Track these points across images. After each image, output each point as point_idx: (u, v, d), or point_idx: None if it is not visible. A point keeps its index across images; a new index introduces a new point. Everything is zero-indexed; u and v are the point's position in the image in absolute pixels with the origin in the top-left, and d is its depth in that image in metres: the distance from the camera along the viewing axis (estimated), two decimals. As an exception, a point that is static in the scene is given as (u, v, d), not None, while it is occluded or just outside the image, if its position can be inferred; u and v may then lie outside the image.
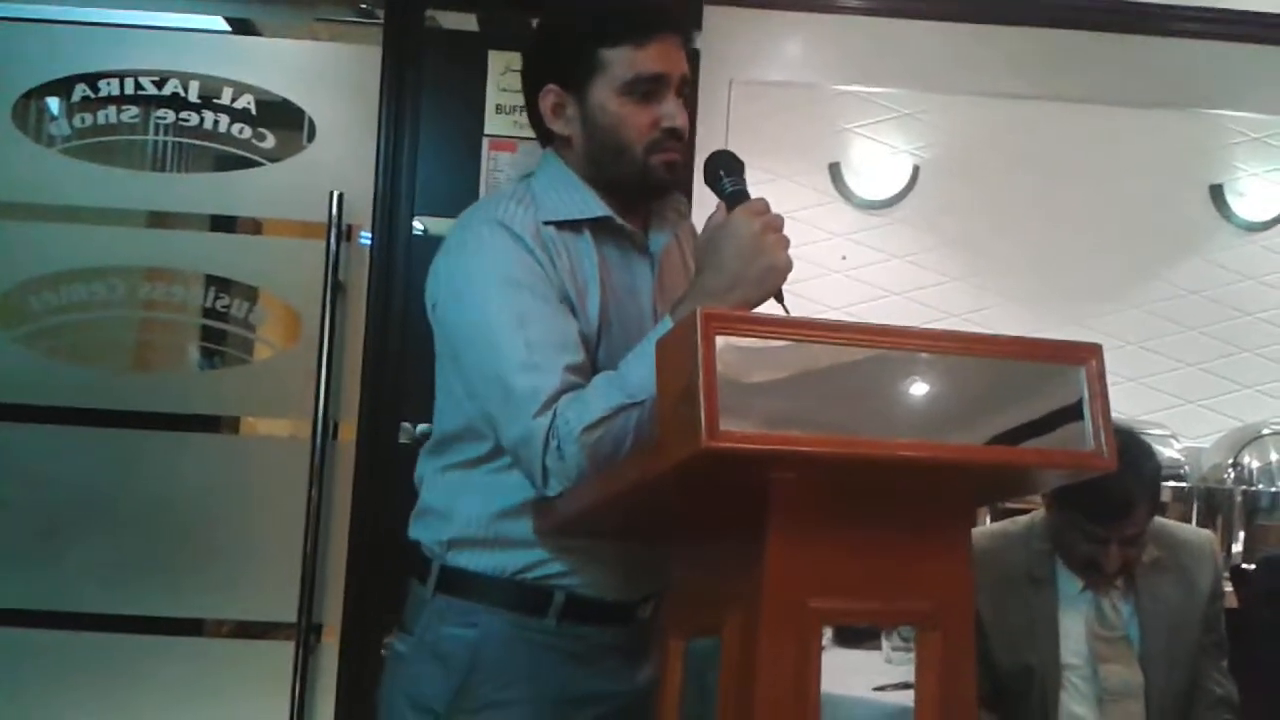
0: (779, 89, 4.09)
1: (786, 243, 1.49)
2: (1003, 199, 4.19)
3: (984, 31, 4.07)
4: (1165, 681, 2.20)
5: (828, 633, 1.39)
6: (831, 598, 1.29)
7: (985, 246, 4.19)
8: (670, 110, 1.58)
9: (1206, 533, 2.45)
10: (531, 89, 1.63)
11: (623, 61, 1.56)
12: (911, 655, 1.37)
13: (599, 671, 1.62)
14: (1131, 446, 2.13)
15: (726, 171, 1.56)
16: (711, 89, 3.68)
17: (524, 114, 2.74)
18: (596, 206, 1.60)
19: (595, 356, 1.55)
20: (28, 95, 2.95)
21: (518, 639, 1.58)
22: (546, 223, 1.56)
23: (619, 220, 1.62)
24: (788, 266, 1.48)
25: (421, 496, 1.69)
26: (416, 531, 1.68)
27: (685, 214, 1.75)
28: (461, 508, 1.61)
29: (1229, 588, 2.54)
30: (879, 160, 4.22)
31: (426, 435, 2.67)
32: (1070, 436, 1.30)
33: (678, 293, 1.69)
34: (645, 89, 1.57)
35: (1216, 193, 4.28)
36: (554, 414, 1.44)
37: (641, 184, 1.61)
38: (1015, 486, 1.60)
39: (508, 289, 1.51)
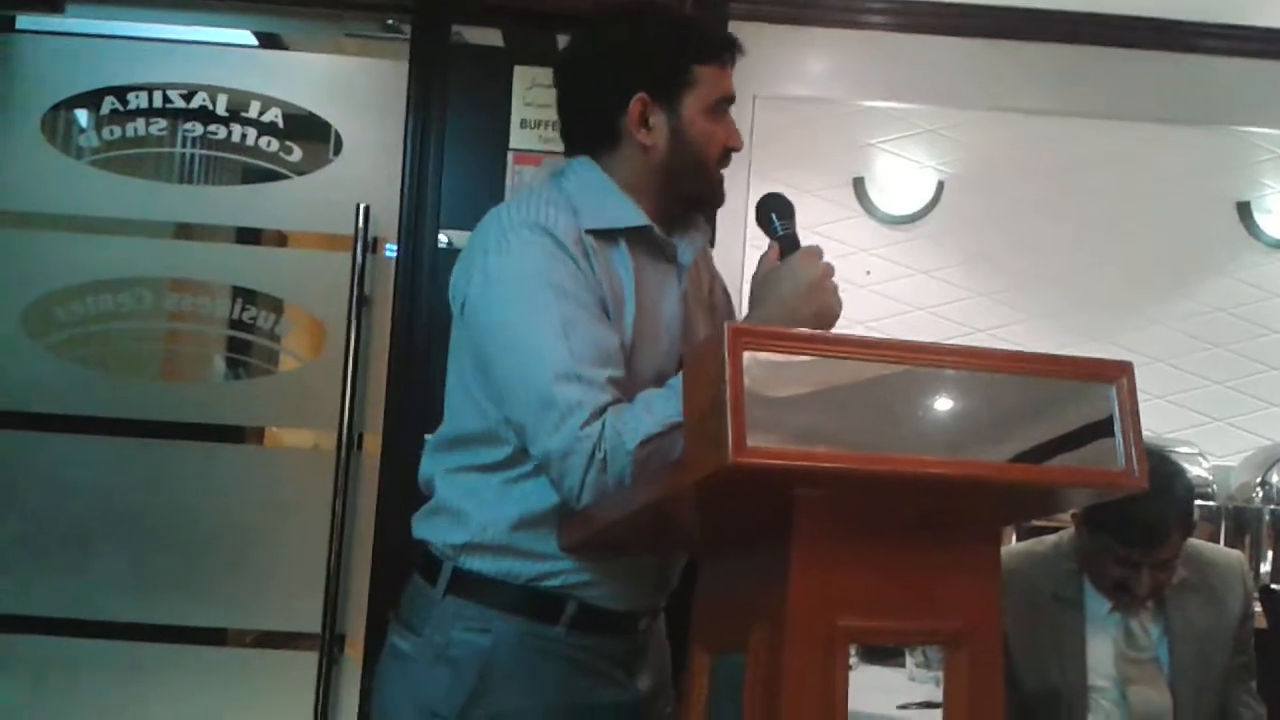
0: (803, 104, 4.09)
1: (838, 289, 1.55)
2: (1028, 215, 4.18)
3: (1009, 47, 4.07)
4: (1195, 704, 2.17)
5: (853, 649, 1.38)
6: (858, 616, 1.28)
7: (1009, 262, 4.18)
8: (735, 130, 1.66)
9: (1236, 553, 2.43)
10: (611, 92, 1.62)
11: (711, 80, 1.63)
12: (934, 674, 1.36)
13: (602, 682, 1.63)
14: (1164, 469, 2.10)
15: (779, 214, 1.63)
16: (736, 104, 3.68)
17: (549, 128, 2.81)
18: (637, 215, 1.62)
19: (627, 365, 1.54)
20: (57, 108, 2.98)
21: (528, 646, 1.58)
22: (588, 230, 1.56)
23: (657, 230, 1.63)
24: (839, 312, 1.54)
25: (435, 497, 1.67)
26: (425, 531, 1.66)
27: (706, 230, 1.75)
28: (476, 513, 1.60)
29: (1258, 608, 2.51)
30: (903, 175, 4.22)
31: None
32: (1101, 455, 1.29)
33: (698, 306, 1.70)
34: (724, 109, 1.65)
35: (1244, 210, 4.26)
36: (602, 426, 1.43)
37: (709, 198, 1.67)
38: (1045, 505, 1.60)
39: (551, 295, 1.50)
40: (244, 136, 2.97)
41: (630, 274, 1.59)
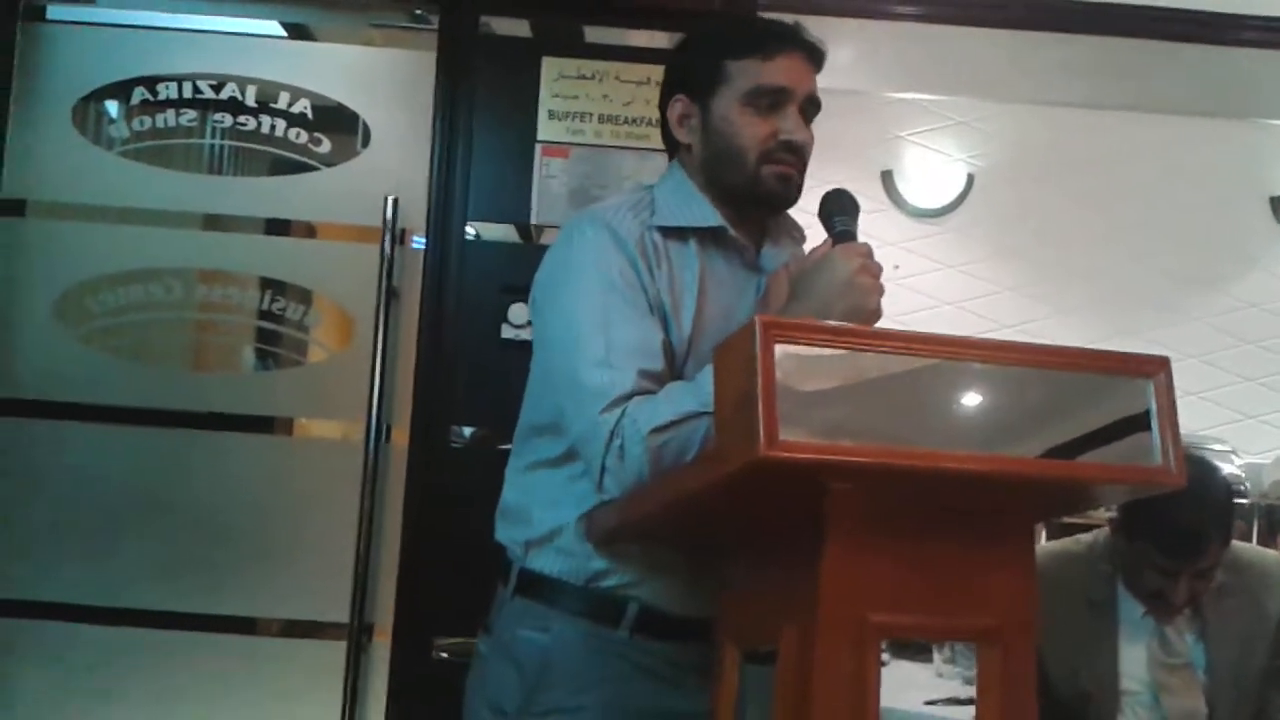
0: (831, 96, 4.03)
1: (880, 290, 1.52)
2: (1058, 208, 4.15)
3: (1040, 39, 4.03)
4: (1231, 710, 2.14)
5: (884, 644, 1.37)
6: (890, 612, 1.27)
7: (1040, 256, 4.15)
8: (789, 125, 1.61)
9: (1275, 555, 2.39)
10: (663, 99, 1.70)
11: (747, 73, 1.61)
12: (960, 670, 1.35)
13: (673, 688, 1.61)
14: (1206, 478, 2.08)
15: (839, 211, 1.60)
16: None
17: (577, 120, 2.81)
18: (711, 216, 1.64)
19: (684, 366, 1.56)
20: (87, 98, 2.99)
21: (590, 647, 1.59)
22: (656, 228, 1.60)
23: (732, 232, 1.64)
24: (876, 311, 1.52)
25: (503, 494, 1.70)
26: (499, 532, 1.70)
27: (800, 240, 1.76)
28: (540, 512, 1.63)
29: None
30: (933, 168, 4.20)
31: (478, 439, 2.72)
32: (1137, 451, 1.28)
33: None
34: (767, 101, 1.61)
35: (1277, 204, 4.21)
36: (622, 413, 1.45)
37: (752, 193, 1.63)
38: (1080, 501, 1.58)
39: (599, 288, 1.54)
40: (273, 128, 2.98)
41: (694, 274, 1.61)
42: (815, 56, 1.67)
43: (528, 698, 1.59)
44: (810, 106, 1.65)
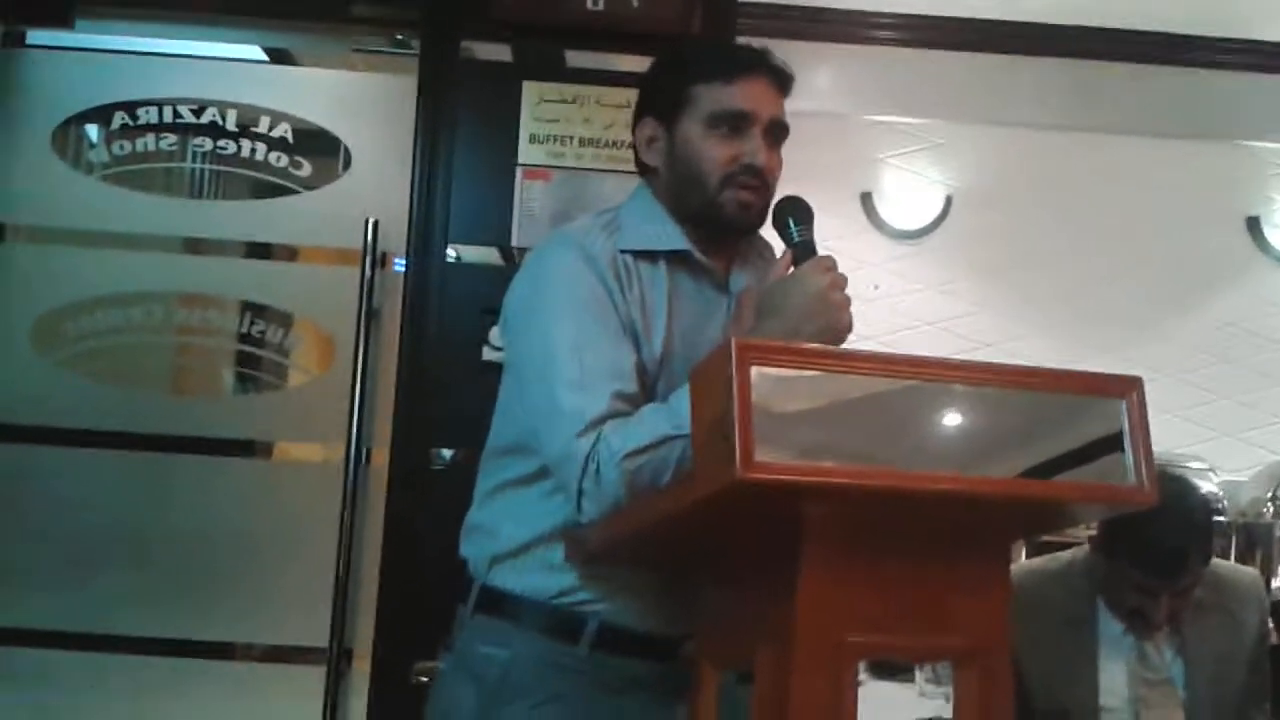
0: (810, 119, 4.05)
1: (849, 302, 1.52)
2: (1036, 229, 4.18)
3: (1018, 62, 4.07)
4: (1211, 726, 2.15)
5: (862, 664, 1.38)
6: (865, 632, 1.28)
7: (1018, 277, 4.17)
8: (751, 148, 1.61)
9: (1253, 572, 2.41)
10: (633, 122, 1.71)
11: (710, 97, 1.62)
12: (944, 689, 1.35)
13: (632, 704, 1.61)
14: (1185, 498, 2.09)
15: (796, 220, 1.60)
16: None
17: (558, 143, 2.82)
18: (677, 239, 1.64)
19: (655, 385, 1.57)
20: (67, 123, 2.99)
21: (549, 663, 1.59)
22: (623, 250, 1.60)
23: (698, 255, 1.65)
24: (848, 327, 1.52)
25: (470, 513, 1.71)
26: (464, 548, 1.70)
27: (770, 260, 1.76)
28: (510, 528, 1.63)
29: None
30: (911, 190, 4.22)
31: (458, 462, 2.71)
32: (1110, 470, 1.29)
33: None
34: (729, 124, 1.62)
35: (1253, 224, 4.25)
36: (597, 437, 1.45)
37: (714, 216, 1.63)
38: (1055, 520, 1.59)
39: (572, 312, 1.54)
40: (253, 151, 2.98)
41: (663, 295, 1.61)
42: (782, 81, 1.67)
43: (483, 713, 1.58)
44: (776, 131, 1.64)
